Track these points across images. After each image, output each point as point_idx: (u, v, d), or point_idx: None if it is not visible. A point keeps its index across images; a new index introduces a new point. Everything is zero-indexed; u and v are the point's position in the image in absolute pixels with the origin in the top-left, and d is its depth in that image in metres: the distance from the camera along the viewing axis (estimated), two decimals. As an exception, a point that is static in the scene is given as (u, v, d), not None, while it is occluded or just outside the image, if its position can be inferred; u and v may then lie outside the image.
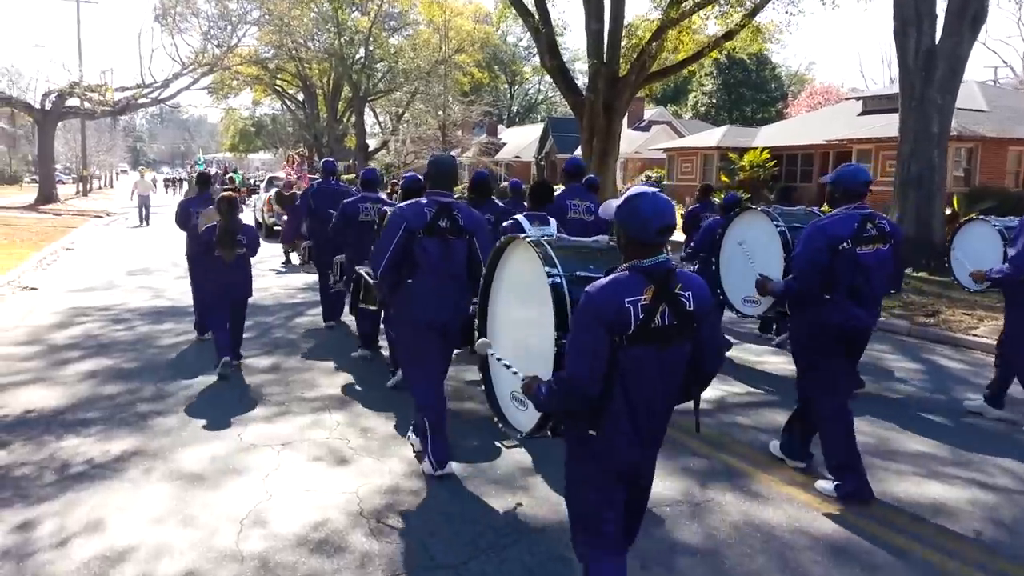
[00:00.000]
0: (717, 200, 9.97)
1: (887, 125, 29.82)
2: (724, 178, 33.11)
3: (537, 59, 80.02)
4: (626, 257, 2.87)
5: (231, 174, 27.57)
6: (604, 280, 2.80)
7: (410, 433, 5.39)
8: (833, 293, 4.57)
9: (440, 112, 38.04)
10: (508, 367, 3.24)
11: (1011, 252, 5.90)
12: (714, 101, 59.48)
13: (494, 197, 8.38)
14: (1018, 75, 50.12)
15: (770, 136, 35.25)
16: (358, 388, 6.95)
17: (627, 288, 2.74)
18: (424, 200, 4.87)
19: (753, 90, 59.13)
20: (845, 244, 4.52)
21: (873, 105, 34.16)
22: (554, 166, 41.74)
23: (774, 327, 9.10)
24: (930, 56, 13.51)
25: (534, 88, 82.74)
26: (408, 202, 5.02)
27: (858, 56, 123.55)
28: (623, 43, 21.97)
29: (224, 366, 6.99)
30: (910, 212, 13.60)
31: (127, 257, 16.63)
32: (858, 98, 36.00)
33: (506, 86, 74.38)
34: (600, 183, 17.17)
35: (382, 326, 7.51)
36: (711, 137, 36.80)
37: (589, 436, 2.86)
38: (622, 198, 2.90)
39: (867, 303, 4.65)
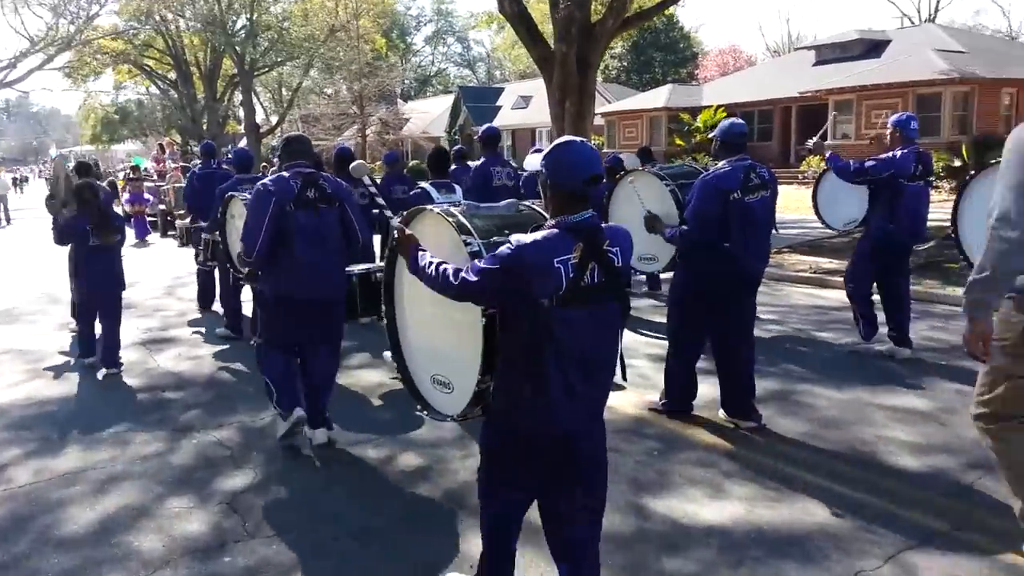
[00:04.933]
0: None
1: (865, 72, 27.09)
2: (679, 141, 29.80)
3: (430, 29, 76.08)
4: (552, 212, 2.67)
5: (133, 162, 24.46)
6: (535, 236, 2.54)
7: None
8: (729, 241, 4.78)
9: (355, 83, 33.33)
10: None
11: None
12: (624, 64, 56.39)
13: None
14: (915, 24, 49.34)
15: (719, 93, 32.26)
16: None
17: (556, 247, 2.53)
18: (287, 173, 4.68)
19: (663, 51, 56.31)
20: (735, 194, 4.74)
21: (828, 54, 31.57)
22: (471, 139, 37.58)
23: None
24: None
25: (427, 60, 77.70)
26: (271, 176, 4.81)
27: (756, 13, 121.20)
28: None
29: (107, 376, 6.65)
30: None
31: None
32: (810, 47, 33.37)
33: (398, 58, 69.00)
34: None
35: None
36: (657, 97, 33.48)
37: (521, 399, 2.61)
38: (547, 149, 2.72)
39: (757, 248, 4.97)
